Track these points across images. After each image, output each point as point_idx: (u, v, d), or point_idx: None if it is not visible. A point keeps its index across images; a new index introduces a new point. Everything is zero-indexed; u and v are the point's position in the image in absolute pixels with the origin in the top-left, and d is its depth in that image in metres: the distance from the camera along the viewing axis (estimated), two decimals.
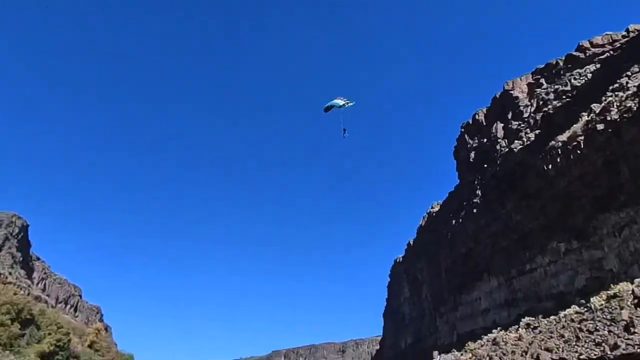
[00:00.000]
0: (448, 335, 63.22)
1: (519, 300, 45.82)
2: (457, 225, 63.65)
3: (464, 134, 67.19)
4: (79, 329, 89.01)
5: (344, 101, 26.75)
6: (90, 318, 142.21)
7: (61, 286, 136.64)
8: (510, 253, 48.04)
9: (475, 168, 60.96)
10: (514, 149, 50.71)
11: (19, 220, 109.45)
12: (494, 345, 36.00)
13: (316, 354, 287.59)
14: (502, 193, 50.48)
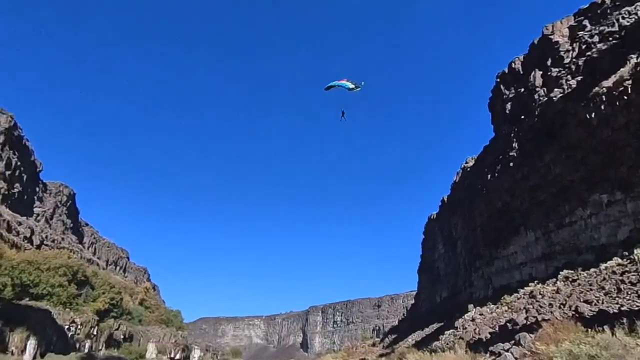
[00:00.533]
0: (483, 289, 63.48)
1: (557, 253, 45.04)
2: (493, 179, 62.23)
3: (500, 84, 64.15)
4: (129, 288, 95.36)
5: (353, 84, 25.07)
6: (138, 278, 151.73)
7: (109, 249, 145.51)
8: (548, 206, 46.79)
9: (512, 120, 58.58)
10: (553, 97, 48.15)
11: (66, 189, 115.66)
12: (530, 298, 35.99)
13: (352, 309, 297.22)
14: (541, 145, 48.56)
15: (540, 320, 26.44)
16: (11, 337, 38.67)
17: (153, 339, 71.52)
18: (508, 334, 28.57)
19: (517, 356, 22.30)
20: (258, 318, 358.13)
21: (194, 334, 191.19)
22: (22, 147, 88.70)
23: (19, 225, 72.90)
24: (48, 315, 46.19)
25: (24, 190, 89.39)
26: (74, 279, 55.03)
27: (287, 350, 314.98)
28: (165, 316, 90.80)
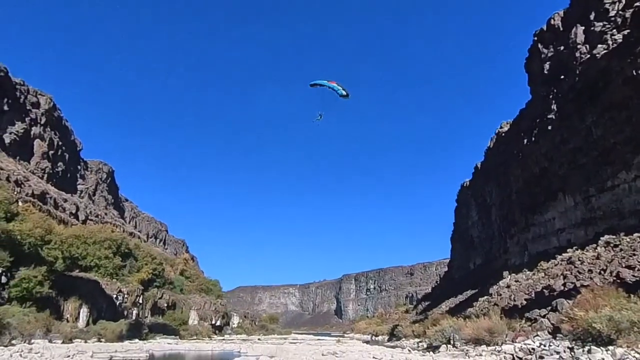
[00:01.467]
0: (519, 255, 62.49)
1: (597, 218, 43.49)
2: (530, 144, 60.00)
3: (537, 42, 60.72)
4: (169, 260, 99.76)
5: (345, 91, 23.31)
6: (177, 250, 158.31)
7: (149, 223, 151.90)
8: (589, 170, 44.89)
9: (551, 80, 55.67)
10: (596, 54, 45.25)
11: (105, 166, 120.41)
12: (568, 265, 35.22)
13: (385, 277, 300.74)
14: (582, 106, 46.15)
15: (578, 286, 25.96)
16: (65, 306, 41.63)
17: (194, 306, 75.15)
18: (544, 301, 28.29)
19: (554, 322, 22.12)
20: (293, 286, 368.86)
21: (232, 302, 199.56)
22: (62, 127, 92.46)
23: (65, 202, 76.94)
24: (97, 285, 49.25)
25: (67, 169, 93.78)
26: (118, 251, 58.01)
27: (322, 317, 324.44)
28: (204, 285, 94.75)
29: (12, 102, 72.43)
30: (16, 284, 34.61)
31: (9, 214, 39.19)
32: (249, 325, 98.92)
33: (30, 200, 58.75)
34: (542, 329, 22.56)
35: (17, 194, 53.32)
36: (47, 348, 26.30)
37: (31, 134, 78.04)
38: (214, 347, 40.96)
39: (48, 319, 34.87)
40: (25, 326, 30.83)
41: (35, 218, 44.44)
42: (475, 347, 23.72)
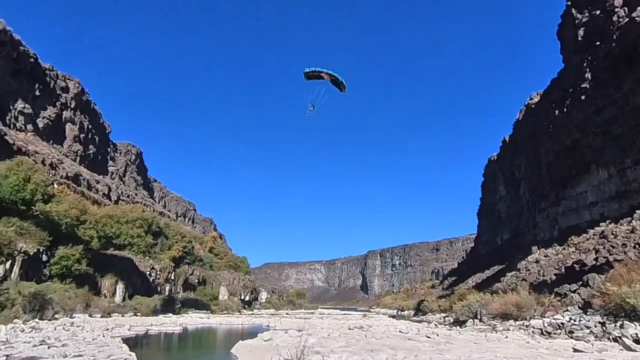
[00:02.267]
0: (548, 230, 61.16)
1: (632, 191, 41.89)
2: (561, 115, 57.78)
3: (571, 7, 57.55)
4: (198, 238, 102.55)
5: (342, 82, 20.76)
6: (205, 228, 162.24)
7: (178, 202, 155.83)
8: (625, 141, 43.01)
9: (585, 47, 52.92)
10: (636, 18, 42.60)
11: (133, 148, 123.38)
12: (601, 239, 34.25)
13: (410, 253, 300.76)
14: (618, 73, 43.85)
15: (611, 261, 25.29)
16: (102, 282, 43.67)
17: (224, 282, 77.48)
18: (575, 276, 27.74)
19: (585, 297, 21.73)
20: (319, 263, 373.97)
21: (260, 278, 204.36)
22: (91, 111, 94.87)
23: (97, 183, 79.67)
24: (131, 262, 51.33)
25: (98, 151, 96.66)
26: (149, 230, 60.00)
27: (348, 292, 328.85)
28: (233, 262, 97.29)
29: (43, 88, 74.52)
30: (56, 262, 36.41)
31: (45, 196, 40.89)
32: (277, 301, 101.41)
33: (65, 182, 61.07)
34: (572, 304, 22.22)
35: (52, 176, 55.44)
36: (87, 322, 27.79)
37: (62, 118, 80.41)
38: (244, 321, 42.26)
39: (87, 295, 36.68)
40: (66, 301, 32.55)
41: (70, 199, 46.28)
42: (502, 322, 23.62)
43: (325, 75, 20.29)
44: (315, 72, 20.25)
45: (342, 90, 20.88)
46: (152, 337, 25.12)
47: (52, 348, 13.83)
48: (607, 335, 15.30)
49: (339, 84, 20.57)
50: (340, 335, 18.92)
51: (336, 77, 20.26)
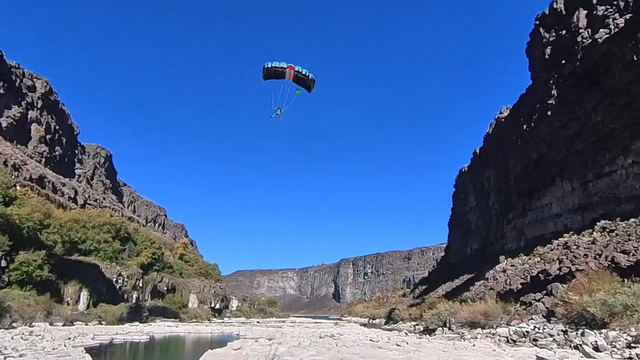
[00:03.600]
0: (515, 240, 62.97)
1: (594, 204, 43.73)
2: (529, 129, 59.90)
3: (539, 27, 60.07)
4: (168, 244, 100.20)
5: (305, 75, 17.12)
6: (176, 234, 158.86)
7: (148, 207, 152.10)
8: (587, 156, 44.95)
9: (551, 65, 55.26)
10: (598, 39, 44.84)
11: (103, 150, 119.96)
12: (564, 249, 35.53)
13: (382, 261, 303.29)
14: (582, 91, 45.93)
15: (574, 270, 26.24)
16: (66, 289, 41.98)
17: (194, 290, 75.80)
18: (540, 285, 28.62)
19: (549, 306, 22.43)
20: (291, 270, 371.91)
21: (231, 285, 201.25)
22: (58, 111, 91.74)
23: (63, 186, 76.84)
24: (97, 269, 49.58)
25: (64, 153, 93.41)
26: (117, 235, 58.23)
27: (320, 300, 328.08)
28: (203, 269, 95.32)
29: (7, 86, 71.67)
30: (16, 267, 34.81)
31: (7, 198, 39.17)
32: (248, 309, 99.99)
33: (29, 185, 58.61)
34: (537, 312, 22.88)
35: (14, 178, 53.17)
36: (48, 330, 26.61)
37: (28, 117, 77.44)
38: (214, 329, 41.45)
39: (48, 302, 35.19)
40: (25, 309, 31.11)
41: (33, 202, 44.46)
42: (470, 330, 24.08)
43: (288, 73, 16.69)
44: (278, 69, 16.65)
45: (310, 90, 17.37)
46: (116, 347, 24.29)
47: (9, 358, 13.18)
48: (569, 343, 15.82)
49: (307, 83, 17.12)
50: (310, 344, 18.82)
51: (305, 74, 16.80)
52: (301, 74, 16.79)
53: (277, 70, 16.67)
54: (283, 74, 16.77)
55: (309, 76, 16.93)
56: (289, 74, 16.75)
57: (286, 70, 16.63)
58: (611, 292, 16.39)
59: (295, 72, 16.70)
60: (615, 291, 16.33)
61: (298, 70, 16.71)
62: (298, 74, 16.81)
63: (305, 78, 16.90)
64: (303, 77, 16.85)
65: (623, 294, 15.58)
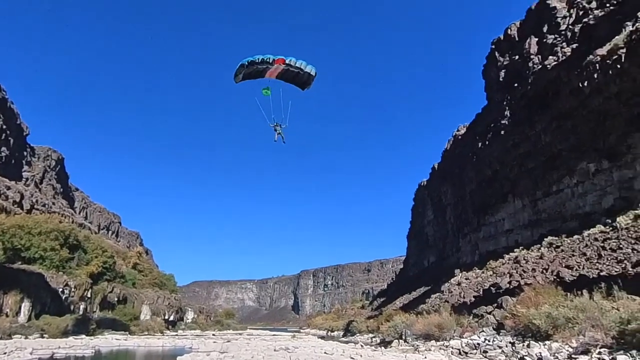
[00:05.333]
0: (470, 254, 65.05)
1: (542, 220, 46.01)
2: (484, 147, 62.50)
3: (495, 51, 63.30)
4: (121, 253, 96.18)
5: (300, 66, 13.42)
6: (130, 243, 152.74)
7: (101, 214, 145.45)
8: (536, 174, 47.38)
9: (505, 87, 58.22)
10: (547, 65, 47.73)
11: (54, 153, 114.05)
12: (515, 263, 37.03)
13: (343, 273, 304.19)
14: (532, 113, 48.55)
15: (522, 284, 27.34)
16: (5, 300, 39.20)
17: (147, 301, 72.85)
18: (491, 298, 29.61)
19: (499, 318, 23.22)
20: (250, 281, 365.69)
21: (187, 297, 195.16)
22: (6, 110, 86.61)
23: (8, 189, 72.30)
24: (41, 278, 46.65)
25: (12, 155, 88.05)
26: (65, 243, 55.22)
27: (279, 312, 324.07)
28: (158, 279, 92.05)
29: None
30: None
31: None
32: (204, 321, 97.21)
33: None
34: (488, 324, 23.63)
35: None
36: None
37: None
38: (165, 342, 39.89)
39: None
40: None
41: None
42: (425, 342, 24.50)
43: (274, 68, 12.98)
44: (260, 65, 12.77)
45: (307, 86, 13.81)
46: None
47: None
48: (516, 355, 16.42)
49: (301, 78, 13.48)
50: (264, 357, 18.52)
51: (299, 67, 13.07)
52: (293, 67, 13.13)
53: (258, 68, 12.88)
54: (265, 71, 13.16)
55: (304, 69, 13.32)
56: (275, 70, 13.13)
57: (272, 66, 13.02)
58: (555, 305, 17.18)
59: (285, 66, 13.02)
60: (558, 304, 17.12)
61: (289, 63, 13.01)
62: (289, 69, 13.13)
63: (300, 72, 13.32)
64: (296, 72, 13.30)
65: (566, 307, 16.37)
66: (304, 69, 13.35)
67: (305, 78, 13.63)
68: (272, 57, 12.80)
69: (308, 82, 13.76)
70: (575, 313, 15.68)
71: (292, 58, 13.13)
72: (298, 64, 13.15)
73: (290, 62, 13.15)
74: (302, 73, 13.46)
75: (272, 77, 13.29)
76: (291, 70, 13.33)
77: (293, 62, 13.15)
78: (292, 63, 13.18)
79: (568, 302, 17.10)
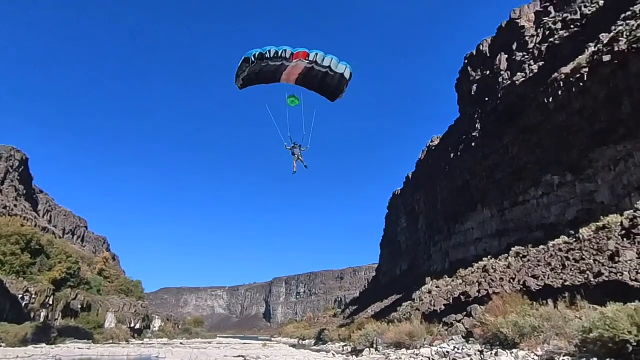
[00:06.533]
0: (440, 262, 66.24)
1: (509, 230, 47.44)
2: (455, 158, 64.09)
3: (467, 65, 65.31)
4: (87, 258, 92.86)
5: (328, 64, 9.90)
6: (97, 248, 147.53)
7: (66, 218, 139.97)
8: (504, 185, 48.91)
9: (476, 101, 60.07)
10: (516, 81, 49.59)
11: (17, 153, 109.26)
12: (483, 272, 37.92)
13: (315, 280, 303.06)
14: (501, 126, 50.21)
15: (491, 293, 28.03)
16: None
17: (112, 308, 70.42)
18: (461, 306, 30.19)
19: (468, 326, 23.69)
20: (221, 288, 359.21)
21: (155, 304, 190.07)
22: None
23: None
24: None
25: None
26: (27, 247, 52.89)
27: (250, 320, 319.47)
28: (124, 286, 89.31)
29: None
30: None
31: None
32: (172, 329, 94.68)
33: None
34: (457, 332, 24.06)
35: None
36: None
37: None
38: (130, 351, 38.64)
39: None
40: None
41: None
42: (395, 351, 24.69)
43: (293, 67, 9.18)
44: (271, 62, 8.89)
45: (338, 95, 10.25)
46: None
47: None
48: None
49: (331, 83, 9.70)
50: None
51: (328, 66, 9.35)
52: (319, 65, 9.24)
53: (270, 65, 8.93)
54: (279, 70, 9.18)
55: (335, 69, 9.41)
56: (294, 70, 9.18)
57: (289, 63, 8.98)
58: (522, 314, 17.67)
59: (308, 64, 9.13)
60: (525, 313, 17.62)
61: (313, 60, 9.17)
62: (313, 67, 9.24)
63: (328, 73, 9.41)
64: (323, 72, 9.36)
65: (531, 316, 16.86)
66: (335, 68, 9.47)
67: (336, 82, 9.71)
68: (290, 49, 8.84)
69: (339, 89, 9.93)
70: (540, 322, 16.18)
71: (317, 51, 9.33)
72: (326, 61, 9.42)
73: (315, 58, 9.28)
74: (332, 74, 9.57)
75: (289, 81, 9.43)
76: (316, 70, 9.37)
77: (320, 58, 9.33)
78: (317, 59, 9.35)
79: (534, 311, 17.63)
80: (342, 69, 9.72)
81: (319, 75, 9.56)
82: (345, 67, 9.68)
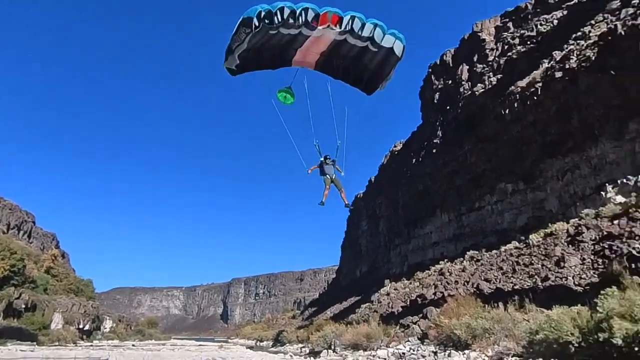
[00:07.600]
0: (400, 265, 67.62)
1: (466, 235, 49.15)
2: (417, 164, 65.71)
3: (431, 74, 67.22)
4: (34, 255, 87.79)
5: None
6: (45, 245, 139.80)
7: (12, 212, 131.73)
8: (462, 192, 50.66)
9: (439, 109, 61.93)
10: (475, 92, 51.56)
11: None
12: (440, 275, 39.06)
13: (275, 282, 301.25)
14: (461, 135, 52.00)
15: (446, 296, 28.88)
16: None
17: (59, 308, 66.89)
18: (417, 308, 30.91)
19: (423, 328, 24.29)
20: (177, 289, 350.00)
21: (107, 304, 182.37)
22: None
23: None
24: None
25: None
26: None
27: (207, 321, 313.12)
28: (74, 285, 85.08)
29: None
30: None
31: None
32: (124, 330, 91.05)
33: None
34: (413, 334, 24.61)
35: None
36: None
37: None
38: (78, 354, 36.76)
39: None
40: None
41: None
42: (353, 352, 24.94)
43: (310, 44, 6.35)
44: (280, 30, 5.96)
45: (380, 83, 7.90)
46: None
47: None
48: None
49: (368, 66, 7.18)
50: None
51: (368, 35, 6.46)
52: (356, 37, 6.45)
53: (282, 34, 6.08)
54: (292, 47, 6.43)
55: (381, 42, 6.59)
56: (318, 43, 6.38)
57: (312, 33, 6.14)
58: (474, 316, 18.32)
59: (340, 36, 6.30)
60: (477, 316, 18.28)
61: (348, 29, 6.26)
62: (346, 40, 6.44)
63: (372, 48, 6.64)
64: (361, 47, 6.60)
65: (483, 319, 17.52)
66: (379, 40, 6.49)
67: (379, 63, 6.80)
68: (316, 8, 6.00)
69: (383, 74, 7.08)
70: (491, 324, 16.84)
71: (354, 13, 6.23)
72: (367, 30, 6.40)
73: (350, 25, 6.23)
74: (375, 51, 6.65)
75: (305, 64, 6.51)
76: (349, 45, 6.53)
77: (357, 25, 6.30)
78: (354, 26, 6.30)
79: (486, 314, 18.33)
80: (391, 42, 6.71)
81: (352, 53, 6.48)
82: (394, 40, 6.79)
